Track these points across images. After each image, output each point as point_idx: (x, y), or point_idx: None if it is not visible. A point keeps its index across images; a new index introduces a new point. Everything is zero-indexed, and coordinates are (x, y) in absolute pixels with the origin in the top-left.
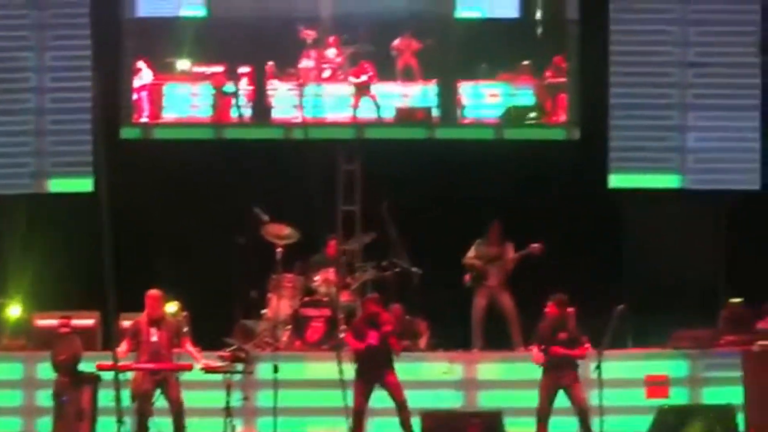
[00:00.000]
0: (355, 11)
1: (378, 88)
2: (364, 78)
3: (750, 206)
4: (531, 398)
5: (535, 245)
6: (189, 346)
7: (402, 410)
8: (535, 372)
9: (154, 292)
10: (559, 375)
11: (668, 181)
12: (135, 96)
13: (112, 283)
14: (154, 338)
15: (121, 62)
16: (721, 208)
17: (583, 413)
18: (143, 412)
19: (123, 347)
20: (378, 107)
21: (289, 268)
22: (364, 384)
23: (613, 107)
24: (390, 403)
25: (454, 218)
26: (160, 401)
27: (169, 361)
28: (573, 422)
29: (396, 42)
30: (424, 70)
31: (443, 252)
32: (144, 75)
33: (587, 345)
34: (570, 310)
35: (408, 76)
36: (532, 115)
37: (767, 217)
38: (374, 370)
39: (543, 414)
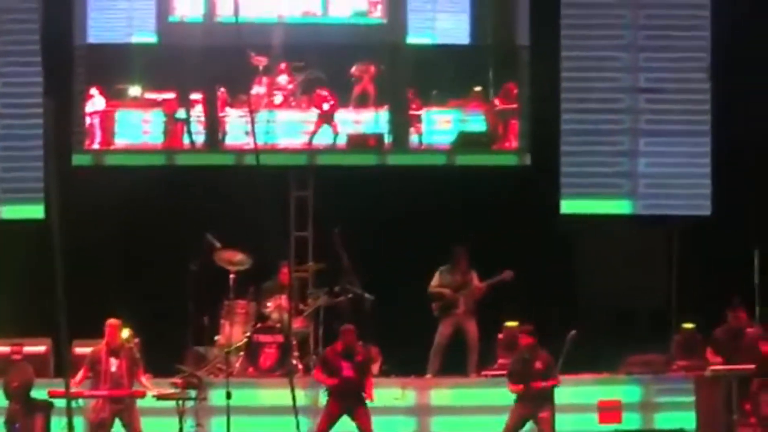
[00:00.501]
0: (306, 38)
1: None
2: (326, 107)
3: (701, 231)
4: (484, 424)
5: (507, 273)
6: (142, 378)
7: None
8: (489, 398)
9: (113, 321)
10: (534, 407)
11: (620, 206)
12: (87, 122)
13: (63, 309)
14: (114, 368)
15: (73, 89)
16: (673, 233)
17: None
18: None
19: (80, 375)
20: (335, 136)
21: (242, 295)
22: (335, 414)
23: (564, 133)
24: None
25: (406, 244)
26: (117, 429)
27: (129, 389)
28: None
29: (354, 68)
30: (376, 96)
31: (395, 278)
32: (96, 102)
33: (558, 373)
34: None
35: (363, 102)
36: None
37: (718, 242)
38: (348, 401)
39: None
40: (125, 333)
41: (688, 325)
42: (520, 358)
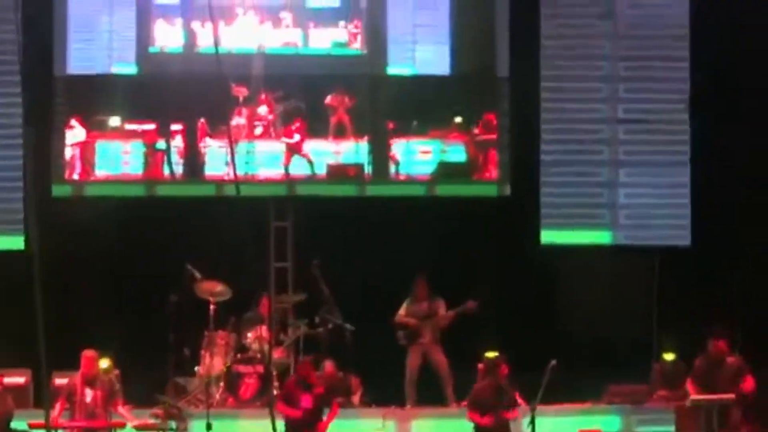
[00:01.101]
0: (286, 69)
1: (310, 145)
2: (296, 138)
3: (680, 262)
4: None
5: (471, 303)
6: (120, 408)
7: None
8: (469, 428)
9: (89, 352)
10: None
11: (599, 236)
12: (68, 153)
13: (43, 340)
14: (88, 399)
15: (53, 119)
16: (652, 263)
17: None
18: None
19: (57, 407)
20: (311, 165)
21: (222, 325)
22: None
23: (544, 164)
24: None
25: (386, 274)
26: None
27: (105, 420)
28: None
29: (329, 99)
30: (355, 127)
31: (375, 308)
32: (77, 132)
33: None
34: (505, 368)
35: (340, 133)
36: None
37: (698, 272)
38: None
39: None
40: (104, 363)
41: (669, 356)
42: (495, 387)
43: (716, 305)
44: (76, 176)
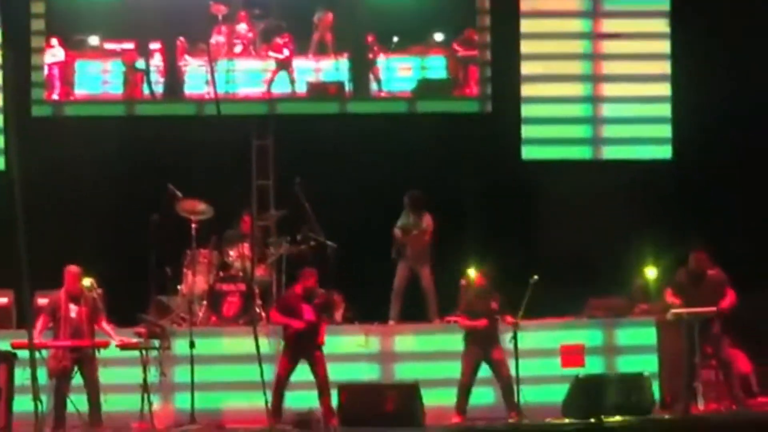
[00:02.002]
0: None
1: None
2: (286, 53)
3: (662, 176)
4: (447, 369)
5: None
6: (104, 324)
7: (323, 388)
8: (451, 343)
9: (73, 267)
10: (486, 347)
11: (580, 152)
12: (46, 73)
13: (25, 261)
14: (73, 314)
15: (32, 40)
16: (633, 178)
17: (507, 386)
18: (61, 390)
19: (40, 324)
20: (293, 83)
21: (204, 244)
22: (294, 358)
23: (524, 79)
24: (310, 377)
25: (367, 191)
26: (76, 378)
27: (89, 338)
28: (491, 392)
29: (315, 17)
30: (335, 44)
31: (357, 226)
32: (56, 52)
33: (510, 314)
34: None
35: (322, 51)
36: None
37: (679, 186)
38: (307, 345)
39: (465, 385)
40: (87, 282)
41: (650, 269)
42: (476, 295)
43: (697, 218)
44: (55, 96)
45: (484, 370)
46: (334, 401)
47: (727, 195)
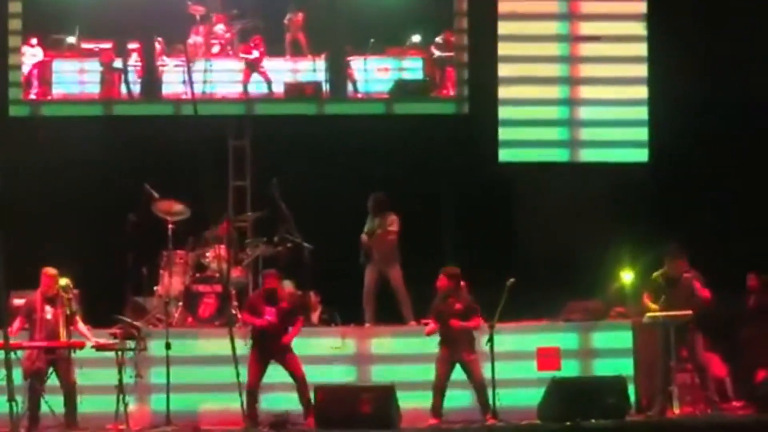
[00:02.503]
0: None
1: (268, 64)
2: (255, 54)
3: (638, 179)
4: (423, 372)
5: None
6: (80, 325)
7: (301, 386)
8: (427, 345)
9: (49, 269)
10: (456, 349)
11: (557, 154)
12: (25, 72)
13: (1, 260)
14: (49, 316)
15: (9, 40)
16: (610, 181)
17: (480, 387)
18: (36, 390)
19: (15, 325)
20: (269, 84)
21: (181, 245)
22: (260, 361)
23: (502, 81)
24: (284, 378)
25: (345, 193)
26: (52, 379)
27: (65, 339)
28: (467, 395)
29: (287, 18)
30: (312, 45)
31: (334, 227)
32: (34, 52)
33: (479, 317)
34: (462, 283)
35: (297, 51)
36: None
37: (655, 189)
38: (271, 347)
39: (439, 387)
40: (63, 282)
41: (627, 273)
42: (441, 297)
43: (674, 221)
44: (33, 96)
45: (461, 373)
46: None
47: (704, 198)
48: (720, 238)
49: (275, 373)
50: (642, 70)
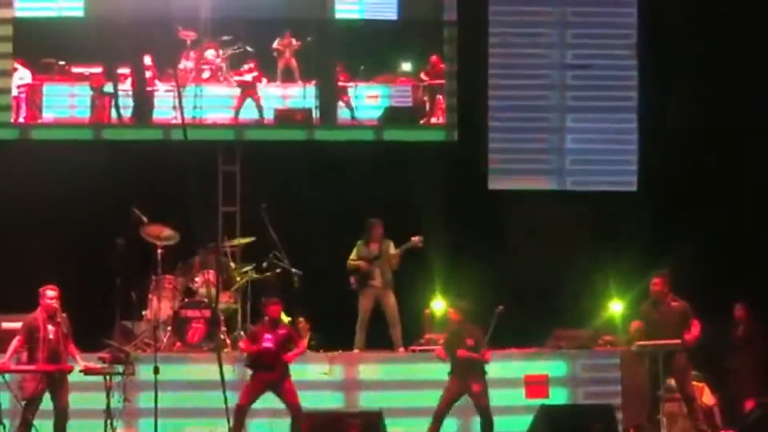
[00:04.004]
0: (233, 12)
1: (259, 90)
2: (249, 78)
3: (627, 207)
4: (411, 398)
5: (416, 237)
6: (72, 348)
7: (296, 417)
8: (416, 372)
9: (52, 287)
10: (466, 381)
11: (547, 182)
12: (14, 95)
13: None
14: (51, 335)
15: None
16: (599, 209)
17: (486, 417)
18: (28, 414)
19: (15, 342)
20: (260, 111)
21: (170, 269)
22: (257, 386)
23: (491, 109)
24: (273, 404)
25: (335, 219)
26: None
27: (65, 359)
28: (453, 423)
29: (275, 43)
30: (303, 72)
31: (323, 253)
32: (23, 75)
33: (488, 350)
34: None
35: (289, 77)
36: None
37: (643, 217)
38: (269, 374)
39: (439, 414)
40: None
41: (616, 302)
42: (452, 332)
43: (662, 250)
44: (22, 119)
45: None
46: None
47: (692, 227)
48: (708, 267)
49: (266, 399)
50: (631, 99)
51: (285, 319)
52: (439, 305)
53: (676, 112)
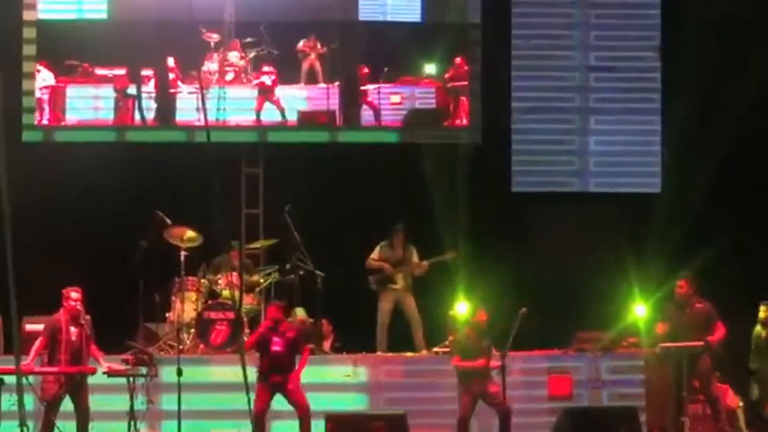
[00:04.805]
0: (257, 14)
1: (282, 92)
2: (267, 81)
3: (651, 209)
4: (435, 400)
5: (450, 253)
6: (95, 350)
7: (304, 419)
8: (439, 374)
9: (75, 289)
10: (481, 384)
11: (570, 184)
12: (37, 97)
13: (14, 286)
14: (74, 337)
15: (23, 65)
16: (623, 211)
17: (505, 415)
18: (50, 416)
19: (37, 346)
20: (282, 113)
21: (193, 271)
22: (267, 389)
23: (515, 111)
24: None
25: (357, 221)
26: (65, 404)
27: (87, 361)
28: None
29: (301, 44)
30: (326, 73)
31: (346, 255)
32: (46, 77)
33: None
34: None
35: (312, 79)
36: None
37: (667, 219)
38: (277, 376)
39: (464, 419)
40: None
41: (640, 305)
42: (467, 335)
43: (686, 251)
44: (45, 121)
45: None
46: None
47: (716, 228)
48: (732, 267)
49: (283, 400)
50: (655, 100)
51: (300, 316)
52: (462, 308)
53: (700, 113)
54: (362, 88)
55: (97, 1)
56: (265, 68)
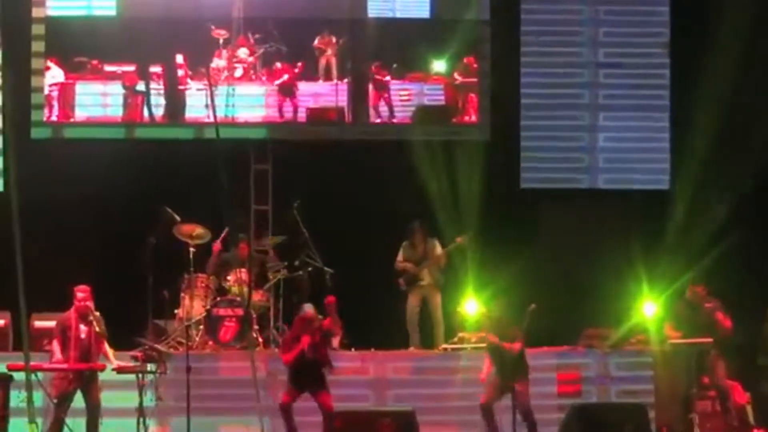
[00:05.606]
0: (266, 11)
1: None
2: (285, 78)
3: (659, 205)
4: (444, 397)
5: (460, 238)
6: (105, 347)
7: (328, 421)
8: (448, 371)
9: (84, 287)
10: (509, 378)
11: (579, 180)
12: (46, 94)
13: (23, 282)
14: (83, 335)
15: (32, 61)
16: (631, 207)
17: (526, 418)
18: (60, 412)
19: (56, 345)
20: (295, 109)
21: (202, 268)
22: (296, 386)
23: (524, 107)
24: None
25: (367, 217)
26: (75, 401)
27: (96, 358)
28: None
29: (316, 41)
30: (339, 69)
31: (355, 251)
32: (55, 74)
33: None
34: None
35: (328, 75)
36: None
37: (676, 216)
38: (306, 379)
39: (485, 406)
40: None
41: (648, 303)
42: (500, 325)
43: (694, 248)
44: (54, 118)
45: None
46: None
47: (725, 226)
48: (740, 265)
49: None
50: (663, 97)
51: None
52: (471, 304)
53: (709, 110)
54: (376, 84)
55: None
56: (279, 65)
